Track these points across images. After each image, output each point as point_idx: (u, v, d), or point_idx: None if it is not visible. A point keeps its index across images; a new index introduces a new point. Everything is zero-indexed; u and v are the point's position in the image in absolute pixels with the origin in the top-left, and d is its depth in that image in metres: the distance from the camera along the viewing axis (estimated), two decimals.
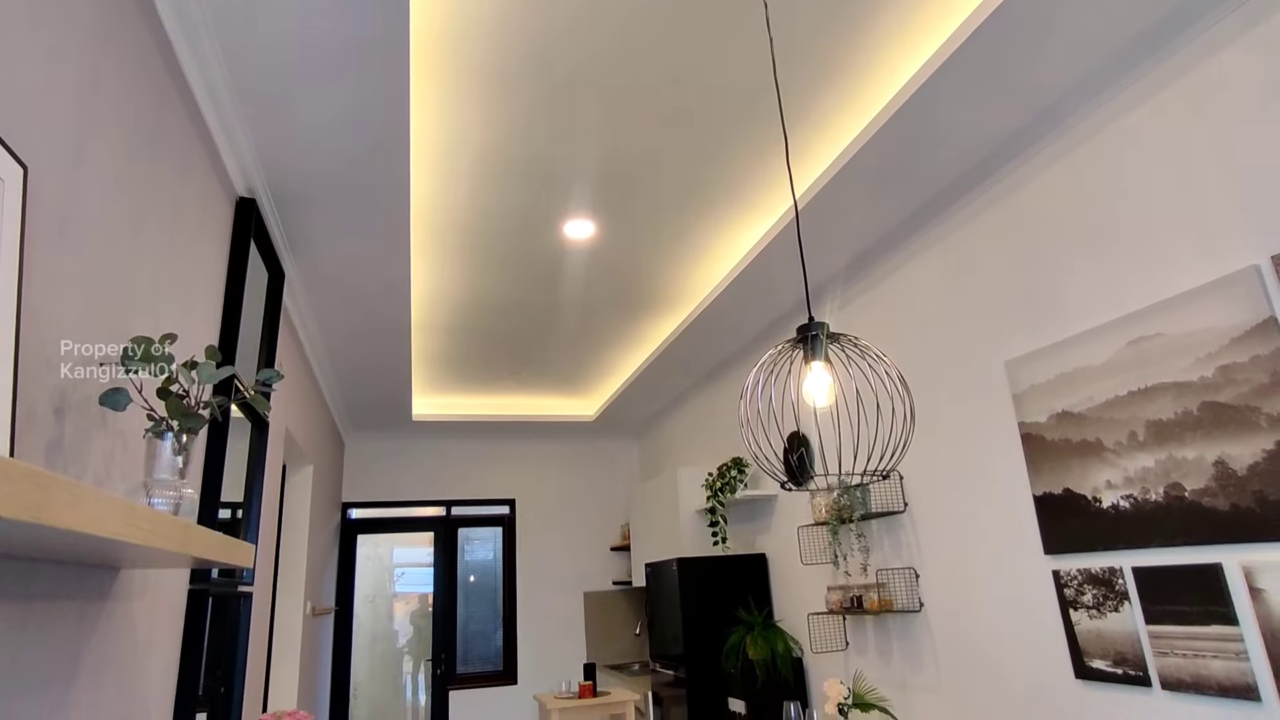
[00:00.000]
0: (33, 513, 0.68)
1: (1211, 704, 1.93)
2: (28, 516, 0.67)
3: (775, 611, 4.14)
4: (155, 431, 1.32)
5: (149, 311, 1.68)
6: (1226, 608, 1.88)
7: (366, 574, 6.61)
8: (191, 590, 2.09)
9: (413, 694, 6.77)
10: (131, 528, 0.87)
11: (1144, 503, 2.11)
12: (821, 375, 1.40)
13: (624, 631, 6.27)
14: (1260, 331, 1.83)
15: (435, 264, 3.57)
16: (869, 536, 3.28)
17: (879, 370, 1.53)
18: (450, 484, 6.42)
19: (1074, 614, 2.32)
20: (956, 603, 2.84)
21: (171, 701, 1.96)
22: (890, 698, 3.12)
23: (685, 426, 5.68)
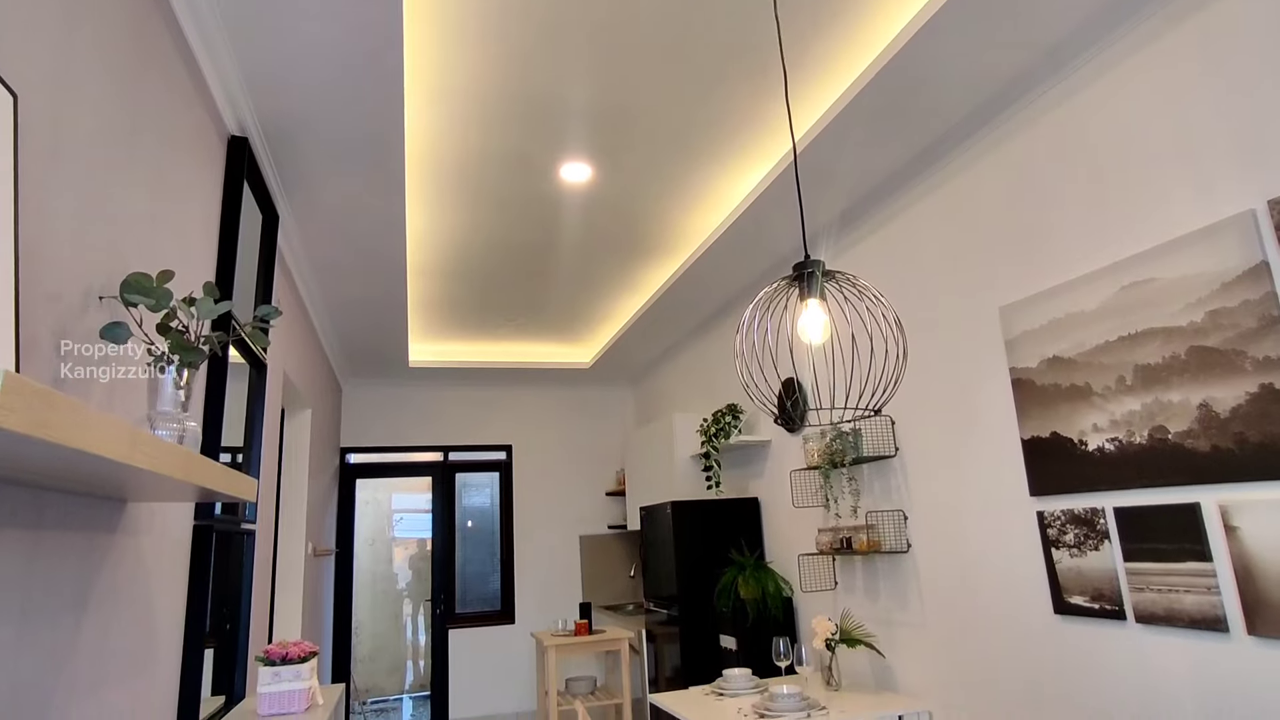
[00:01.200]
0: (41, 429, 0.70)
1: (1182, 635, 2.01)
2: (37, 432, 0.69)
3: (767, 553, 4.24)
4: (157, 365, 1.33)
5: (144, 250, 1.68)
6: (1202, 545, 1.95)
7: (366, 518, 6.74)
8: (196, 526, 2.13)
9: (413, 634, 6.98)
10: (135, 451, 0.90)
11: (1128, 445, 2.15)
12: (816, 313, 1.41)
13: (619, 574, 6.42)
14: (1251, 276, 1.84)
15: (431, 207, 3.54)
16: (860, 480, 3.35)
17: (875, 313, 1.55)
18: (448, 430, 6.49)
19: (1056, 553, 2.39)
20: (943, 543, 2.92)
21: (180, 635, 2.03)
22: (876, 634, 3.23)
23: (681, 374, 5.72)
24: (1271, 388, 1.80)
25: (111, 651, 1.53)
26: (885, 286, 3.17)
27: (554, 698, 4.52)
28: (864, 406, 1.40)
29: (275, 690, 2.29)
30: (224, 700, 2.59)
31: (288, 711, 2.26)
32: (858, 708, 2.83)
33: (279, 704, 2.27)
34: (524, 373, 6.38)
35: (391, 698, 6.76)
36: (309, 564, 4.52)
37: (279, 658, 2.33)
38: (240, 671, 2.73)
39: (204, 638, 2.11)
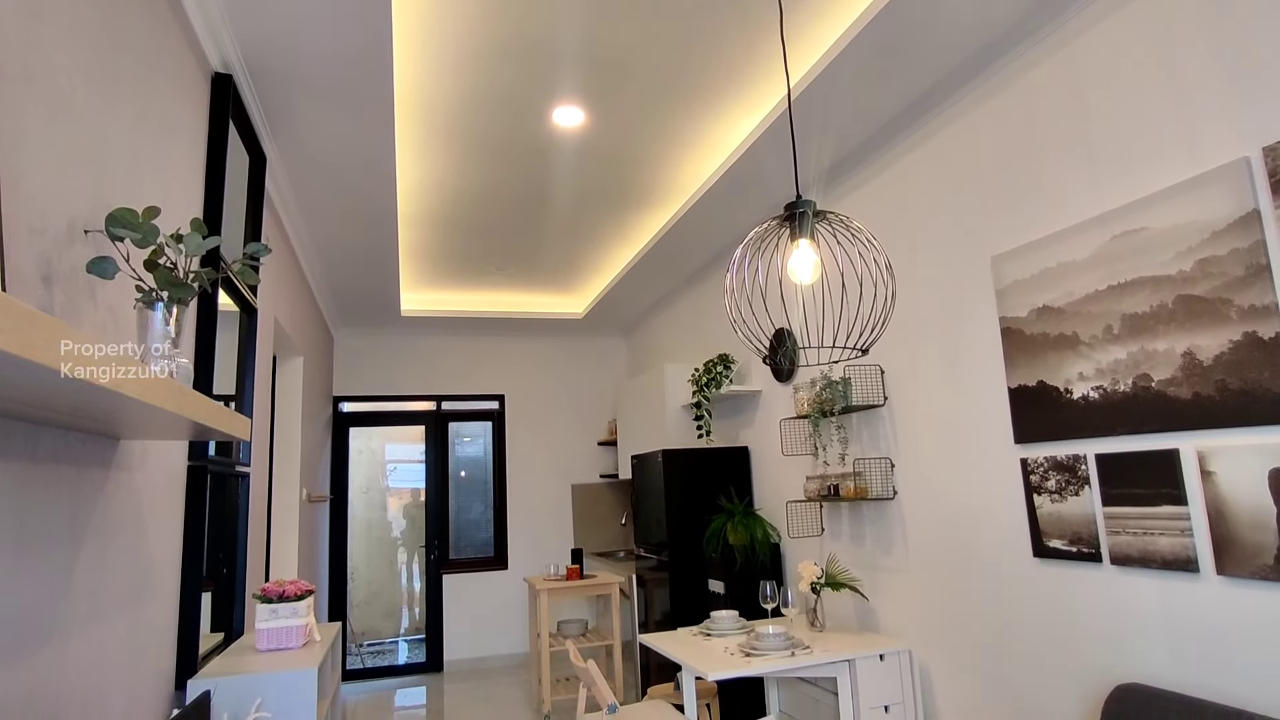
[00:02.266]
0: (29, 350, 0.70)
1: (1154, 576, 2.07)
2: (26, 353, 0.70)
3: (755, 500, 4.31)
4: (145, 301, 1.33)
5: (129, 187, 1.66)
6: (1178, 489, 1.99)
7: (360, 466, 6.80)
8: (190, 466, 2.15)
9: (408, 580, 7.10)
10: (125, 379, 0.90)
11: (1112, 393, 2.18)
12: (806, 253, 1.41)
13: (610, 522, 6.53)
14: (1242, 225, 1.85)
15: (422, 152, 3.49)
16: (848, 428, 3.39)
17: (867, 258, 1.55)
18: (440, 379, 6.50)
19: (1037, 499, 2.45)
20: (928, 490, 2.97)
21: (178, 570, 2.06)
22: (861, 578, 3.31)
23: (673, 324, 5.72)
24: (1255, 336, 1.82)
25: (109, 583, 1.56)
26: (879, 235, 3.16)
27: (546, 640, 4.63)
28: (852, 346, 1.41)
29: (273, 626, 2.35)
30: (223, 636, 2.65)
31: (285, 646, 2.32)
32: (840, 647, 2.92)
33: (277, 639, 2.33)
34: (517, 323, 6.37)
35: (388, 640, 6.92)
36: (304, 509, 4.58)
37: (276, 595, 2.37)
38: (239, 610, 2.79)
39: (201, 573, 2.15)
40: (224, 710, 1.90)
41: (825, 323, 1.44)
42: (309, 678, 2.03)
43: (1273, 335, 1.78)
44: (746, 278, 1.40)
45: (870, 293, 1.39)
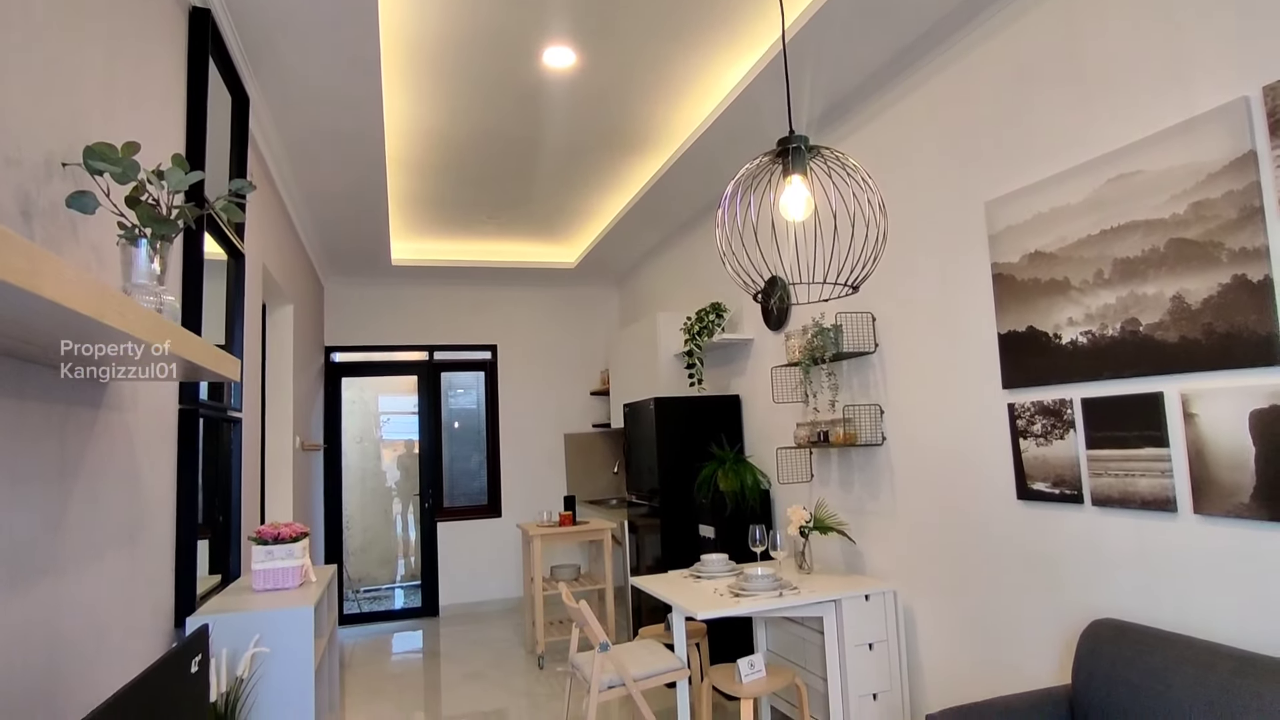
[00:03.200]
0: (10, 274, 0.69)
1: (1133, 516, 2.12)
2: (7, 277, 0.69)
3: (746, 448, 4.36)
4: (128, 238, 1.31)
5: (107, 125, 1.62)
6: (1160, 432, 2.02)
7: (353, 416, 6.82)
8: (182, 410, 2.15)
9: (403, 530, 7.20)
10: (106, 308, 0.89)
11: (1101, 338, 2.20)
12: (799, 189, 1.40)
13: (603, 471, 6.60)
14: (1238, 166, 1.83)
15: (410, 94, 3.40)
16: (839, 375, 3.41)
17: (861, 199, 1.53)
18: (432, 329, 6.49)
19: (1023, 442, 2.48)
20: (916, 436, 3.01)
21: (172, 510, 2.08)
22: (848, 522, 3.37)
23: (665, 273, 5.69)
24: (1244, 279, 1.83)
25: (104, 520, 1.58)
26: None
27: (539, 584, 4.73)
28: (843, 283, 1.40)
29: (269, 567, 2.38)
30: (220, 578, 2.69)
31: (281, 586, 2.36)
32: (827, 588, 2.99)
33: (273, 580, 2.37)
34: (508, 272, 6.32)
35: (384, 586, 7.05)
36: (298, 457, 4.60)
37: (271, 537, 2.40)
38: (235, 553, 2.83)
39: (196, 513, 2.17)
40: (223, 646, 1.94)
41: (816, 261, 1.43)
42: (305, 615, 2.07)
43: (1261, 278, 1.79)
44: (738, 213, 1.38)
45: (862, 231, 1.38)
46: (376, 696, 4.26)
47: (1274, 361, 1.77)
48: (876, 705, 2.90)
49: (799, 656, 3.22)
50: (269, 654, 2.02)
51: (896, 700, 2.93)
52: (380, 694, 4.31)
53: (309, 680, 2.05)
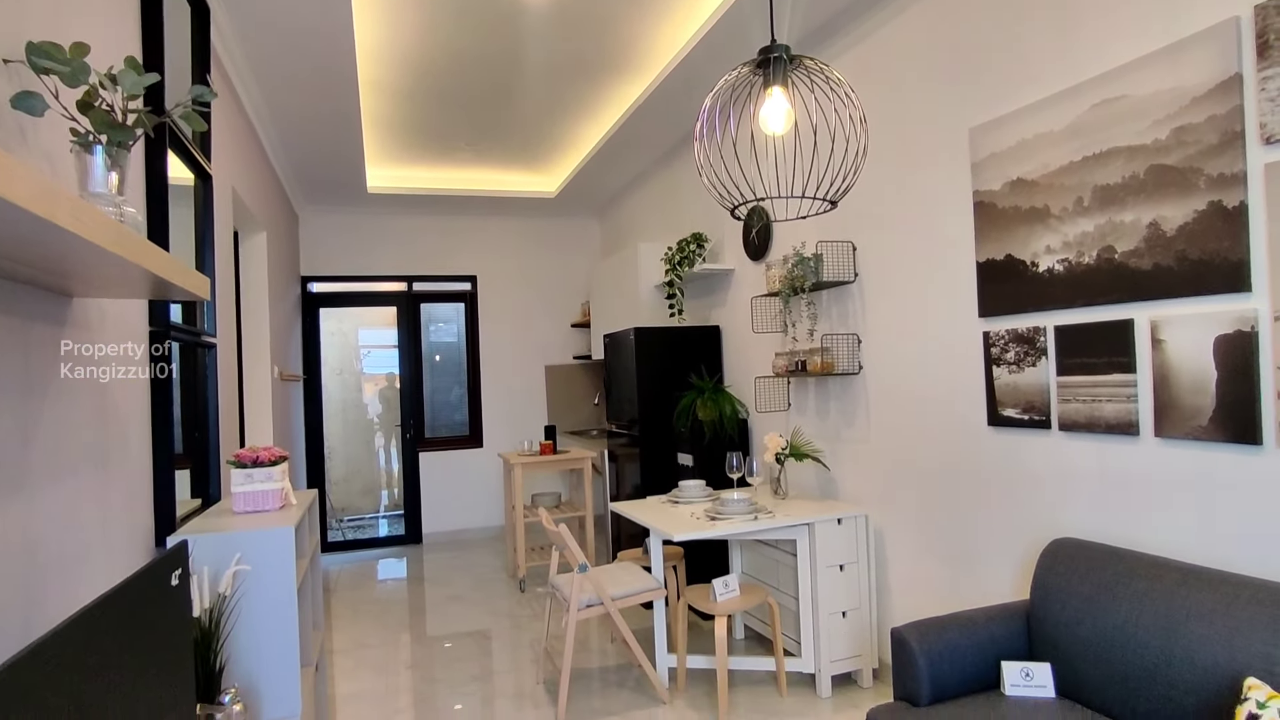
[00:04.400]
0: None
1: (1097, 439, 2.18)
2: None
3: (725, 378, 4.40)
4: (82, 144, 1.26)
5: (51, 25, 1.53)
6: (1129, 358, 2.06)
7: (333, 348, 6.76)
8: (153, 332, 2.12)
9: (385, 462, 7.24)
10: (60, 209, 0.86)
11: (1076, 266, 2.21)
12: (779, 101, 1.36)
13: (583, 402, 6.65)
14: (1222, 90, 1.82)
15: (382, 10, 3.25)
16: (818, 305, 3.42)
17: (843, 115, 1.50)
18: (411, 260, 6.39)
19: (996, 370, 2.52)
20: (892, 365, 3.05)
21: (148, 431, 2.07)
22: (823, 449, 3.44)
23: (647, 204, 5.61)
24: (1220, 205, 1.83)
25: (76, 438, 1.57)
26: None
27: (520, 512, 4.81)
28: (822, 197, 1.39)
29: (248, 490, 2.39)
30: (200, 502, 2.71)
31: (262, 509, 2.38)
32: (801, 512, 3.07)
33: (253, 502, 2.38)
34: (488, 202, 6.20)
35: (367, 515, 7.14)
36: (277, 388, 4.58)
37: (250, 460, 2.40)
38: (214, 478, 2.84)
39: (172, 436, 2.16)
40: (204, 564, 1.96)
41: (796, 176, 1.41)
42: (286, 535, 2.09)
43: (1236, 204, 1.79)
44: (717, 126, 1.35)
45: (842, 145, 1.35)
46: (361, 618, 4.37)
47: (1242, 288, 1.79)
48: (845, 622, 3.02)
49: (772, 578, 3.33)
50: (250, 572, 2.04)
51: (865, 618, 3.06)
52: (364, 615, 4.42)
53: (292, 598, 2.09)
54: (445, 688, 3.28)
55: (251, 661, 2.06)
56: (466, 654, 3.69)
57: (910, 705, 2.05)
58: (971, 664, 2.09)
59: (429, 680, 3.38)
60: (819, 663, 2.98)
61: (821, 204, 1.46)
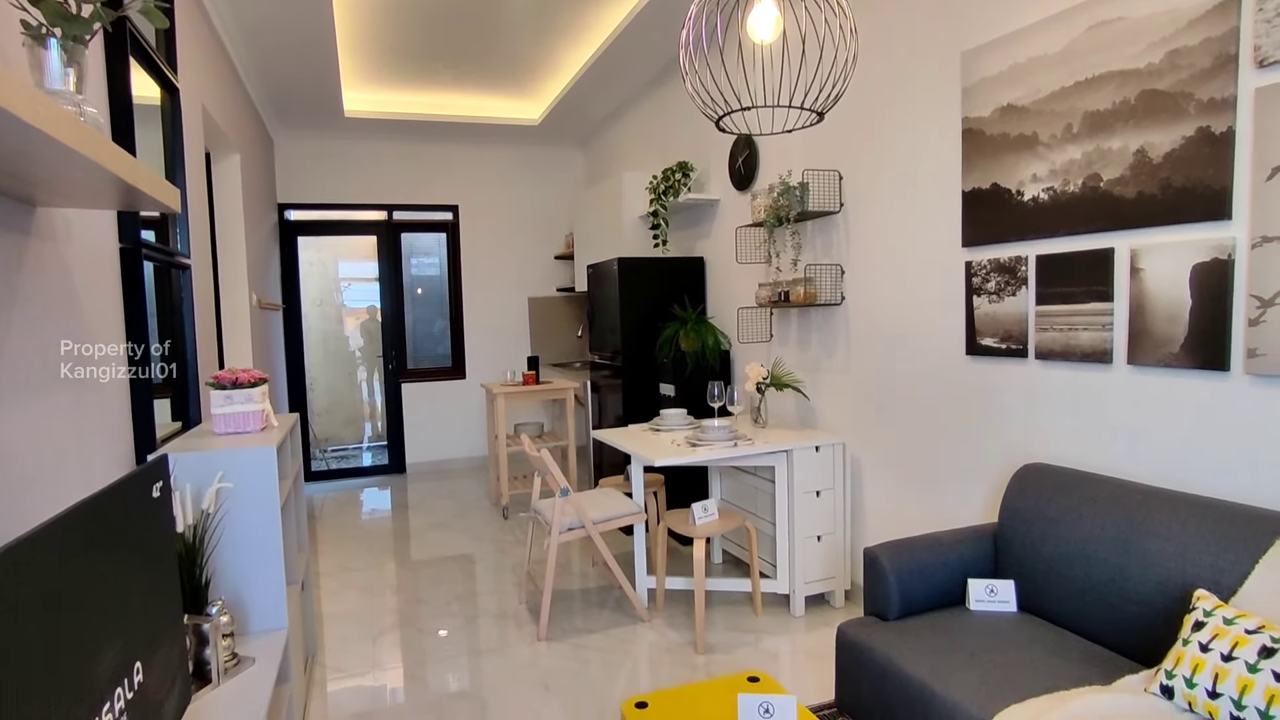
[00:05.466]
0: None
1: (1072, 367, 2.21)
2: None
3: (708, 309, 4.40)
4: (34, 36, 1.20)
5: None
6: (1107, 287, 2.08)
7: (312, 279, 6.66)
8: (123, 249, 2.07)
9: (368, 395, 7.24)
10: (17, 100, 0.82)
11: (1062, 194, 2.20)
12: (768, 7, 1.32)
13: (567, 335, 6.64)
14: (1220, 11, 1.78)
15: None
16: (803, 235, 3.40)
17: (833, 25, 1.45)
18: (391, 188, 6.25)
19: (976, 300, 2.53)
20: (874, 295, 3.05)
21: (122, 348, 2.04)
22: (804, 379, 3.48)
23: (632, 133, 5.49)
24: (1208, 131, 1.82)
25: (48, 353, 1.54)
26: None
27: (503, 441, 4.85)
28: (809, 107, 1.36)
29: (229, 412, 2.38)
30: (181, 425, 2.70)
31: (243, 430, 2.38)
32: (780, 440, 3.12)
33: (234, 424, 2.37)
34: (470, 128, 6.03)
35: (350, 446, 7.17)
36: (256, 315, 4.52)
37: (230, 382, 2.39)
38: (194, 401, 2.83)
39: (149, 354, 2.14)
40: (186, 482, 1.97)
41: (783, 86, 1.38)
42: (268, 455, 2.10)
43: (1224, 130, 1.78)
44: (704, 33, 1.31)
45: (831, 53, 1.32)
46: (346, 543, 4.44)
47: (1222, 216, 1.80)
48: (820, 546, 3.11)
49: (750, 504, 3.41)
50: (233, 491, 2.06)
51: (839, 542, 3.15)
52: (350, 540, 4.49)
53: (275, 516, 2.11)
54: (430, 608, 3.36)
55: (237, 578, 2.09)
56: (450, 577, 3.77)
57: (879, 620, 2.13)
58: (939, 582, 2.17)
59: (414, 601, 3.46)
60: (793, 584, 3.09)
61: (809, 115, 1.42)
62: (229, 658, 1.89)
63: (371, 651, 2.94)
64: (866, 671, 1.98)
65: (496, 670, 2.74)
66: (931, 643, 1.91)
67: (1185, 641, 1.52)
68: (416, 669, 2.78)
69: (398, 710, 2.49)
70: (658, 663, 2.76)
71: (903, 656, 1.88)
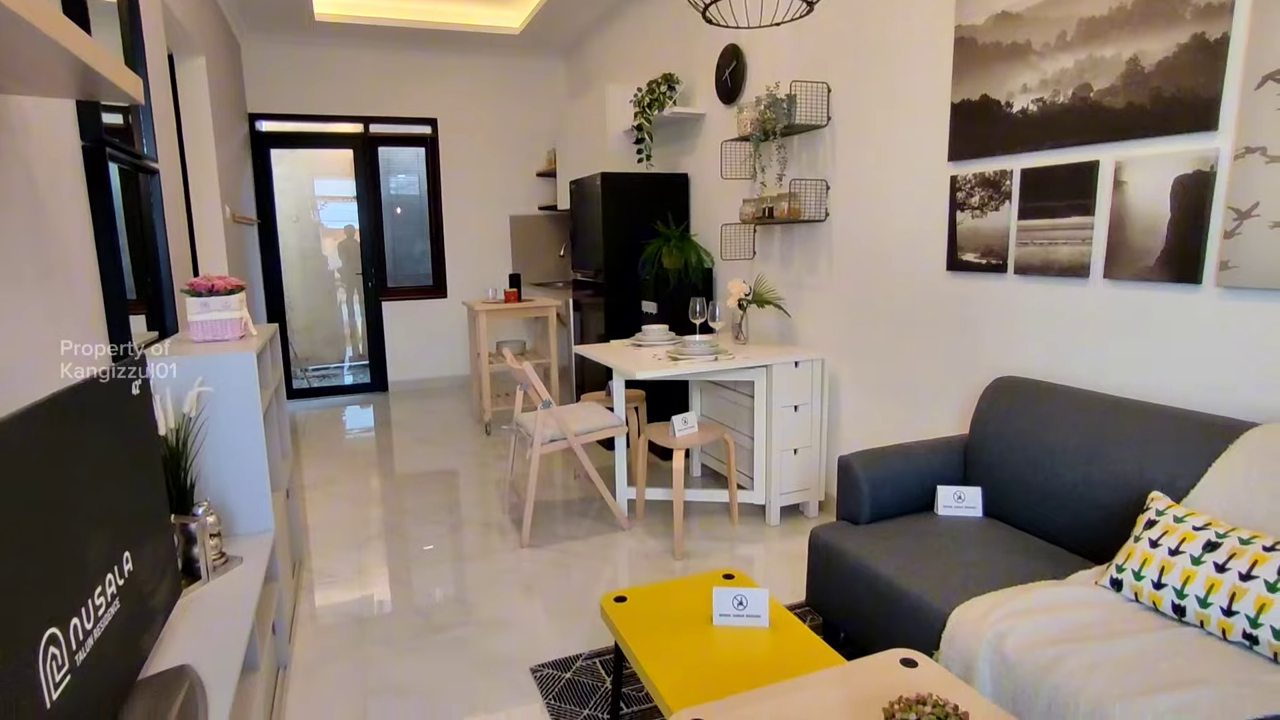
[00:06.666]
0: None
1: (1049, 282, 2.24)
2: None
3: (692, 226, 4.36)
4: None
5: None
6: (1090, 200, 2.08)
7: (287, 194, 6.48)
8: (86, 146, 2.00)
9: (349, 316, 7.16)
10: None
11: (1051, 105, 2.17)
12: None
13: (549, 254, 6.56)
14: None
15: None
16: (789, 150, 3.35)
17: None
18: (366, 99, 6.02)
19: (959, 215, 2.53)
20: (858, 211, 3.04)
21: (93, 255, 2.00)
22: (785, 297, 3.49)
23: (616, 44, 5.29)
24: (1202, 37, 1.79)
25: (11, 250, 1.50)
26: None
27: (485, 358, 4.86)
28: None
29: (206, 319, 2.35)
30: (157, 334, 2.67)
31: (221, 338, 2.36)
32: (760, 355, 3.15)
33: (212, 331, 2.35)
34: (448, 36, 5.78)
35: (332, 365, 7.15)
36: (230, 229, 4.42)
37: (205, 289, 2.35)
38: (169, 310, 2.79)
39: (119, 258, 2.10)
40: (166, 386, 1.96)
41: None
42: (248, 360, 2.09)
43: (1219, 36, 1.75)
44: None
45: None
46: (330, 457, 4.49)
47: (1210, 126, 1.79)
48: (796, 459, 3.19)
49: (730, 419, 3.47)
50: (215, 396, 2.06)
51: (815, 454, 3.23)
52: (334, 455, 4.54)
53: (257, 421, 2.12)
54: (414, 518, 3.44)
55: (223, 483, 2.12)
56: (434, 490, 3.84)
57: (851, 524, 2.21)
58: (910, 489, 2.24)
59: (398, 512, 3.54)
60: (769, 495, 3.18)
61: (799, 5, 1.38)
62: (217, 556, 1.93)
63: (358, 558, 3.02)
64: (837, 571, 2.06)
65: (480, 574, 2.83)
66: (899, 544, 1.99)
67: (1137, 539, 1.60)
68: (402, 573, 2.87)
69: (383, 611, 2.58)
70: (637, 567, 2.87)
71: (871, 556, 1.96)
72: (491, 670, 2.19)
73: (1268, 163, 1.67)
